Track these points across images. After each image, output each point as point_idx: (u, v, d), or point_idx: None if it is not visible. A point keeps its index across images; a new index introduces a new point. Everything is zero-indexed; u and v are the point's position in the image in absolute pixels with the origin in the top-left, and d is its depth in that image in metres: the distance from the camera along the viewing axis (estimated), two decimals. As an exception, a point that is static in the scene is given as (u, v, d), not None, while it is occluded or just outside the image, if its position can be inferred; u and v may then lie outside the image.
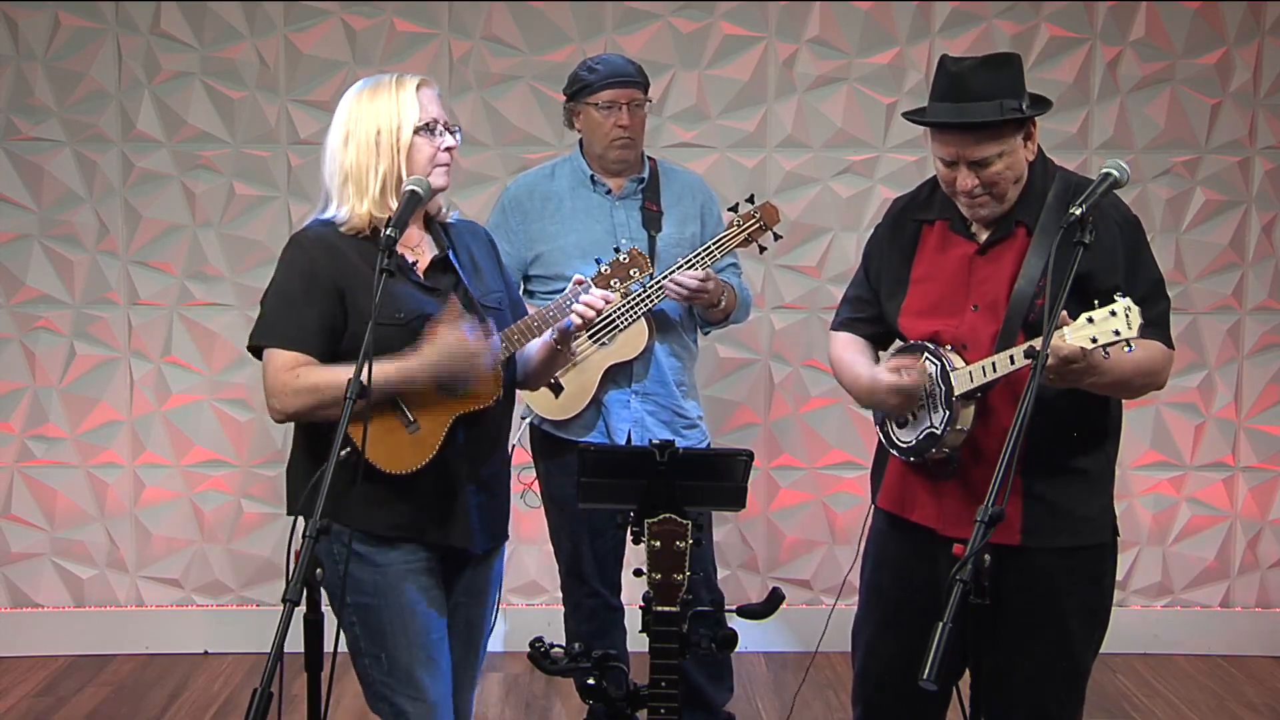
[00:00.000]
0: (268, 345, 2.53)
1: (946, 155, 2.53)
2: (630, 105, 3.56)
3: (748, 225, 3.48)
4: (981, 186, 2.53)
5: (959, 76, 2.51)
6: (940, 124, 2.52)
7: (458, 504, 2.59)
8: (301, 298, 2.52)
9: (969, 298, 2.63)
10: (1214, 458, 4.71)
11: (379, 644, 2.57)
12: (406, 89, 2.56)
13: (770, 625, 4.47)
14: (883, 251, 2.80)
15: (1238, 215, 4.63)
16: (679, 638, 2.37)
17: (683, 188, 3.70)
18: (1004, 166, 2.52)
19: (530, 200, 3.65)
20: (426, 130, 2.56)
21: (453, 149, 2.60)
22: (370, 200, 2.53)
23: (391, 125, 2.53)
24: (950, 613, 2.00)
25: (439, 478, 2.55)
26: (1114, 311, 2.29)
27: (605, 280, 2.71)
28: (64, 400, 4.61)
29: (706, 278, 3.45)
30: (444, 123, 2.59)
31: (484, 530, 2.66)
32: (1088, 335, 2.31)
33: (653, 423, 3.59)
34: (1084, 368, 2.35)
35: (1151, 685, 4.41)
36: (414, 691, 2.58)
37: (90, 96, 4.51)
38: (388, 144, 2.53)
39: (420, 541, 2.57)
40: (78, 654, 4.63)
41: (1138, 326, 2.28)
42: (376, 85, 2.58)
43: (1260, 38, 4.55)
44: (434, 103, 2.59)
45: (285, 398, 2.50)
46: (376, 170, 2.53)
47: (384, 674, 2.58)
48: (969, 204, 2.58)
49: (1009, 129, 2.51)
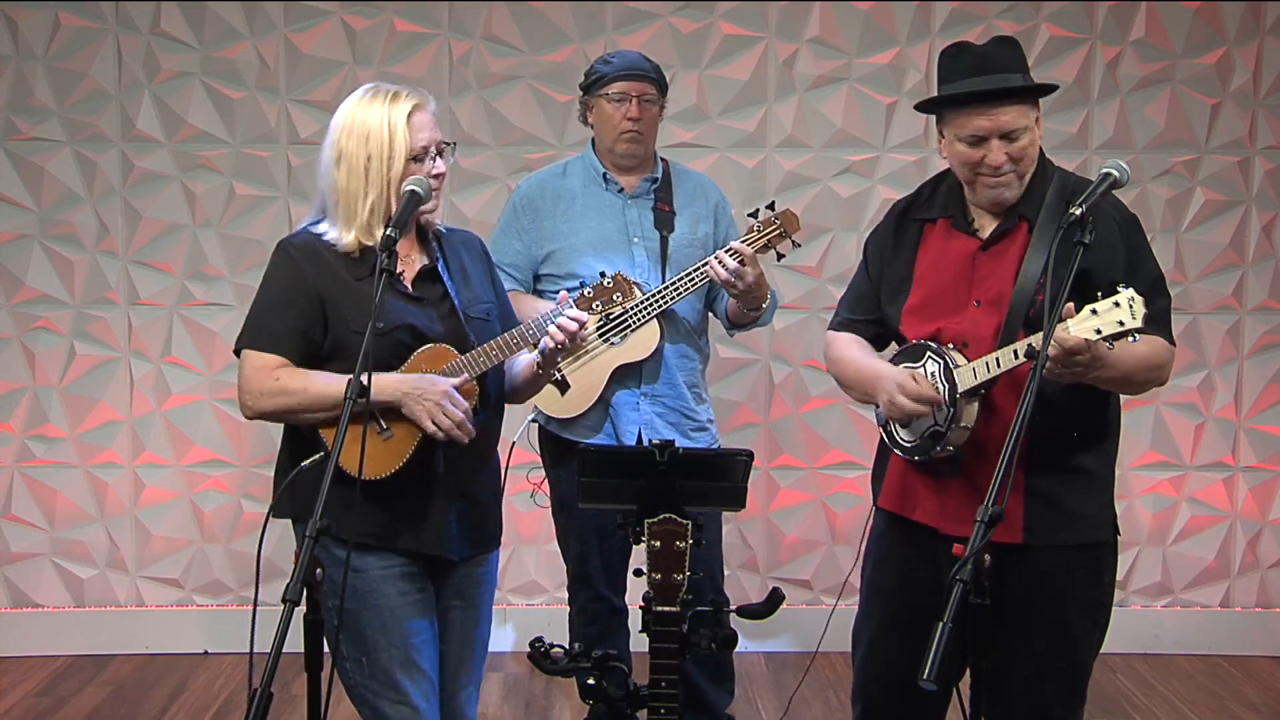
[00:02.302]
0: (246, 347, 2.58)
1: (980, 130, 2.55)
2: (641, 99, 3.54)
3: (768, 231, 3.40)
4: (1010, 162, 2.56)
5: (986, 53, 2.59)
6: (988, 92, 2.54)
7: (432, 511, 2.59)
8: (283, 303, 2.56)
9: (971, 294, 2.63)
10: (1214, 458, 4.71)
11: (359, 647, 2.57)
12: (400, 115, 2.53)
13: (770, 625, 4.48)
14: (884, 252, 2.80)
15: (1238, 215, 4.63)
16: (679, 638, 2.37)
17: (696, 189, 3.68)
18: (1028, 142, 2.58)
19: (542, 198, 3.63)
20: (416, 160, 2.55)
21: (443, 175, 2.60)
22: (359, 228, 2.55)
23: (382, 154, 2.52)
24: (950, 612, 2.01)
25: (414, 485, 2.55)
26: (1117, 302, 2.29)
27: (587, 303, 2.68)
28: (64, 400, 4.61)
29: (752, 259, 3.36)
30: (437, 145, 2.58)
31: (464, 537, 2.64)
32: (1091, 327, 2.31)
33: (661, 425, 3.57)
34: (1088, 360, 2.35)
35: (1151, 685, 4.41)
36: (395, 694, 2.58)
37: (90, 96, 4.51)
38: (377, 173, 2.53)
39: (394, 547, 2.57)
40: (78, 654, 4.63)
41: (1142, 316, 2.28)
42: (370, 102, 2.55)
43: (1260, 38, 4.56)
44: (427, 127, 2.56)
45: (258, 397, 2.54)
46: (365, 198, 2.54)
47: (365, 676, 2.58)
48: (994, 183, 2.59)
49: (1032, 103, 2.59)
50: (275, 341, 2.55)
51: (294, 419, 2.55)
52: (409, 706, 2.58)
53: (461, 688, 2.74)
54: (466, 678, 2.75)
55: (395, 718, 2.58)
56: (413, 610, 2.59)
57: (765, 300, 3.50)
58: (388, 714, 2.59)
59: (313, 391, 2.50)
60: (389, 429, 2.53)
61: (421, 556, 2.60)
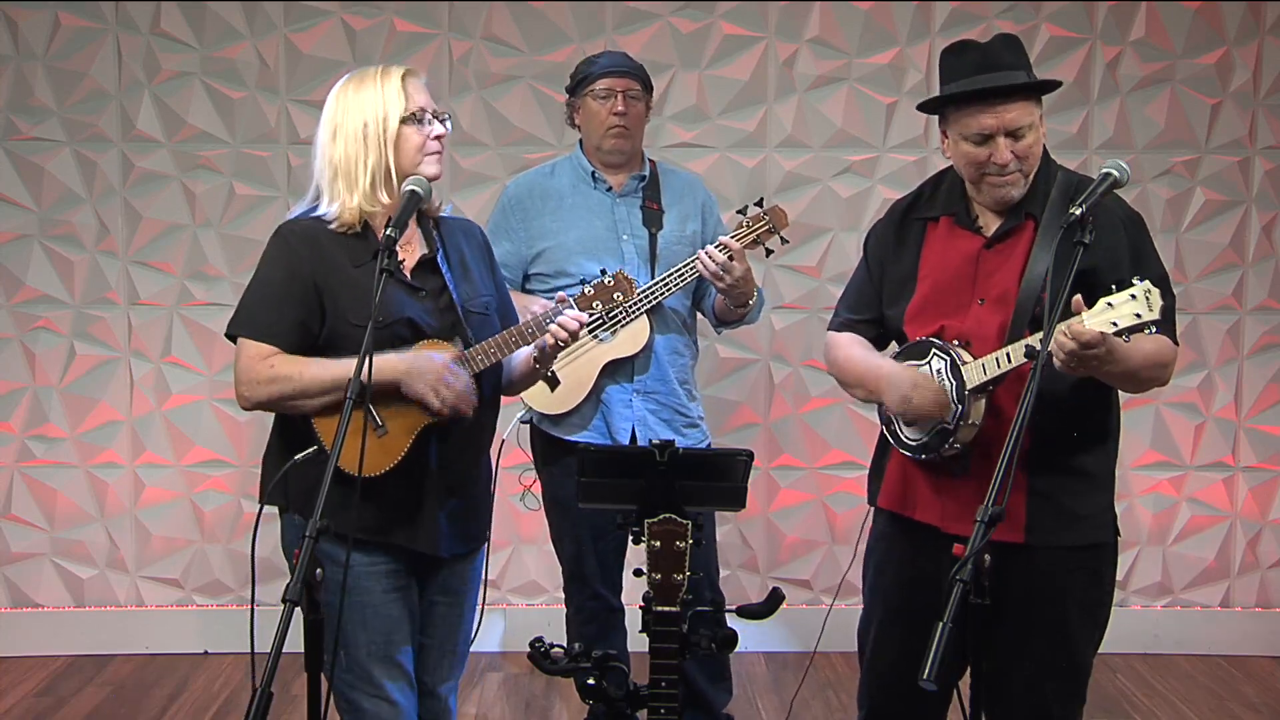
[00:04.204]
0: (242, 335, 2.55)
1: (986, 128, 2.54)
2: (626, 94, 3.56)
3: (756, 228, 3.44)
4: (1015, 160, 2.56)
5: (991, 50, 2.58)
6: (995, 89, 2.53)
7: (425, 508, 2.58)
8: (279, 290, 2.54)
9: (975, 292, 2.63)
10: (1214, 458, 4.71)
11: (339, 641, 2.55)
12: (392, 79, 2.55)
13: (770, 625, 4.47)
14: (887, 252, 2.79)
15: (1238, 215, 4.63)
16: (679, 638, 2.37)
17: (683, 187, 3.71)
18: (1033, 140, 2.58)
19: (531, 198, 3.65)
20: (414, 120, 2.55)
21: (442, 137, 2.59)
22: (360, 194, 2.53)
23: (378, 116, 2.53)
24: (950, 612, 2.00)
25: (407, 482, 2.55)
26: (1134, 295, 2.29)
27: (588, 302, 2.68)
28: (64, 400, 4.61)
29: (740, 254, 3.40)
30: (432, 111, 2.58)
31: (455, 535, 2.64)
32: (1108, 319, 2.30)
33: (655, 421, 3.58)
34: (1103, 353, 2.33)
35: (1151, 685, 4.41)
36: (372, 689, 2.58)
37: (90, 96, 4.51)
38: (375, 136, 2.53)
39: (385, 545, 2.57)
40: (78, 654, 4.63)
41: (1159, 309, 2.28)
42: (362, 78, 2.58)
43: (1260, 38, 4.56)
44: (421, 92, 2.57)
45: (254, 386, 2.52)
46: (365, 163, 2.53)
47: (343, 670, 2.58)
48: (999, 182, 2.58)
49: (1036, 101, 2.59)
50: (271, 331, 2.52)
51: (290, 406, 2.51)
52: (386, 701, 2.59)
53: (443, 682, 2.74)
54: (448, 673, 2.75)
55: (372, 712, 2.59)
56: (394, 607, 2.59)
57: (752, 297, 3.53)
58: (365, 708, 2.59)
59: (308, 376, 2.48)
60: (384, 425, 2.52)
61: (410, 553, 2.60)
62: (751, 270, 3.46)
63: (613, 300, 2.69)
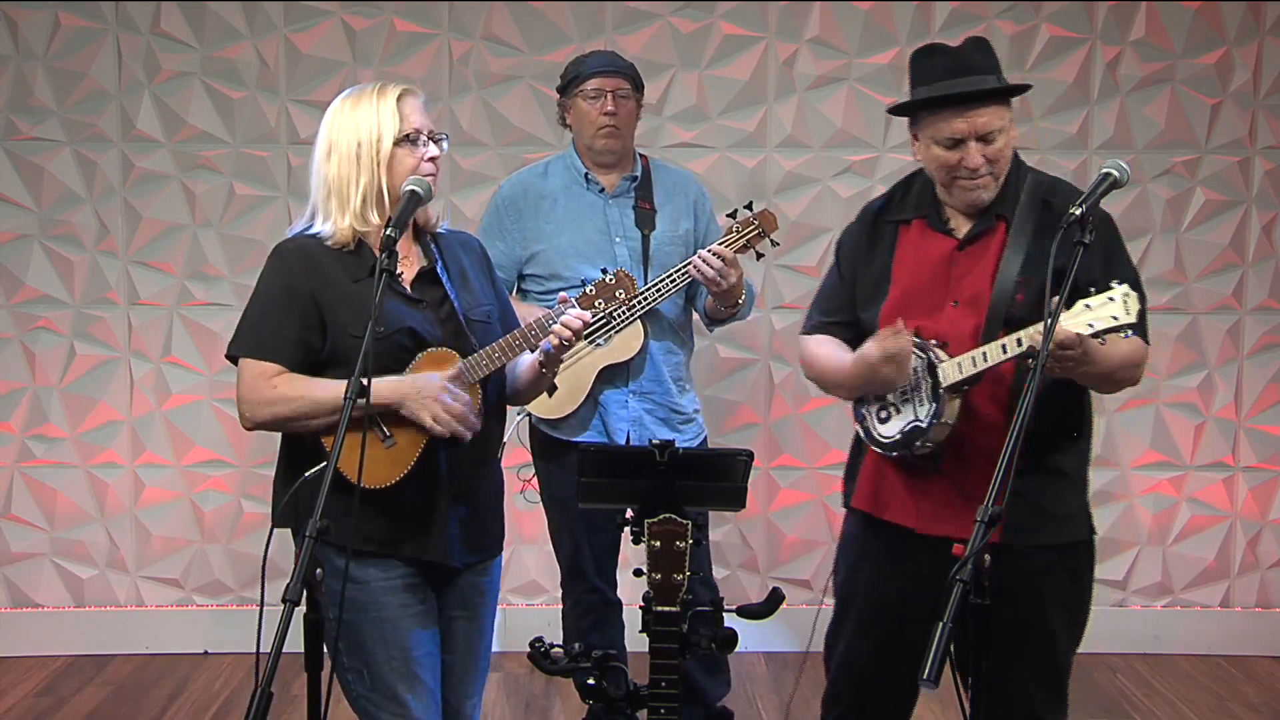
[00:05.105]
0: (243, 355, 2.53)
1: (958, 132, 2.56)
2: (616, 94, 3.56)
3: (746, 232, 3.47)
4: (987, 164, 2.57)
5: (963, 55, 2.60)
6: (967, 94, 2.54)
7: (436, 518, 2.56)
8: (279, 309, 2.52)
9: (949, 294, 2.64)
10: (1214, 458, 4.71)
11: (360, 658, 2.55)
12: (387, 99, 2.54)
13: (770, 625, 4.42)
14: (859, 255, 2.80)
15: (1238, 215, 4.63)
16: (679, 638, 2.37)
17: (675, 184, 3.71)
18: (1004, 144, 2.59)
19: (524, 199, 3.65)
20: (408, 141, 2.53)
21: (436, 159, 2.58)
22: (351, 214, 2.52)
23: (371, 138, 2.51)
24: (950, 612, 2.00)
25: (416, 492, 2.53)
26: (1112, 298, 2.29)
27: (590, 301, 2.66)
28: (64, 400, 4.61)
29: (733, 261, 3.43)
30: (427, 132, 2.57)
31: (466, 544, 2.62)
32: (1084, 321, 2.31)
33: (650, 421, 3.59)
34: (1079, 355, 2.34)
35: (1151, 685, 4.41)
36: (396, 708, 2.56)
37: (90, 96, 4.51)
38: (368, 156, 2.51)
39: (397, 556, 2.56)
40: (78, 654, 4.63)
41: (1136, 313, 2.28)
42: (358, 96, 2.56)
43: (1260, 38, 4.56)
44: (416, 112, 2.56)
45: (257, 407, 2.50)
46: (357, 183, 2.51)
47: (366, 689, 2.57)
48: (970, 186, 2.59)
49: (1007, 104, 2.60)
50: (273, 350, 2.50)
51: (294, 427, 2.50)
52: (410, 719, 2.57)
53: (465, 698, 2.73)
54: (470, 688, 2.74)
55: None
56: (414, 622, 2.57)
57: (741, 297, 3.57)
58: None
59: (311, 397, 2.46)
60: (391, 436, 2.50)
61: (424, 565, 2.58)
62: (742, 273, 3.49)
63: (615, 298, 2.68)
